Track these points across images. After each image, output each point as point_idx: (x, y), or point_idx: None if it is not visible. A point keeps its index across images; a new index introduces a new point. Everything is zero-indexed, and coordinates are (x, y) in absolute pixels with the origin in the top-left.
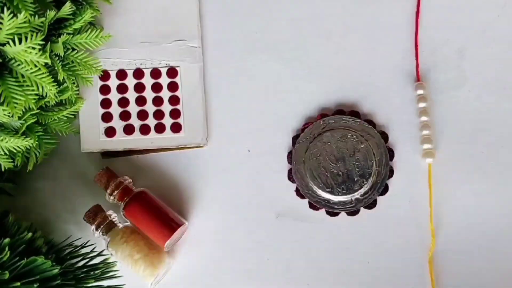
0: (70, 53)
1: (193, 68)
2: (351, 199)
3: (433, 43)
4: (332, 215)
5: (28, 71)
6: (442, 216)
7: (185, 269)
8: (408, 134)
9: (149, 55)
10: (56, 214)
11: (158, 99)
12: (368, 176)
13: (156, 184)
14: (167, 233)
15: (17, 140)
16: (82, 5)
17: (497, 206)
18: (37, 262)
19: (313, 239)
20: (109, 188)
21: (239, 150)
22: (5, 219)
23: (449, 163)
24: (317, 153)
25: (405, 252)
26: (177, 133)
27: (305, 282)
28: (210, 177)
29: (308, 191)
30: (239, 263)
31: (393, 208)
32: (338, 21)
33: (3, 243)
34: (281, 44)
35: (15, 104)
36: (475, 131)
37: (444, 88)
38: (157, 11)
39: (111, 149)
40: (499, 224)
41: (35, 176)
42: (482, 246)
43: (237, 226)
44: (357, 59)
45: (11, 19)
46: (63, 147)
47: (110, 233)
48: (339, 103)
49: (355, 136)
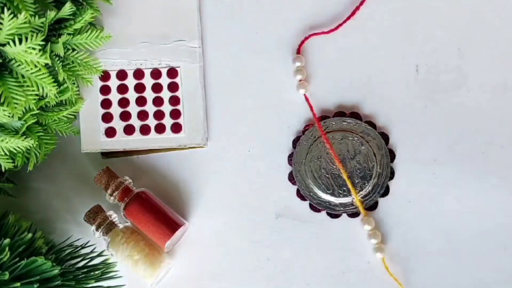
0: (70, 54)
1: (193, 68)
2: (352, 201)
3: (433, 43)
4: (333, 217)
5: (28, 71)
6: (443, 217)
7: (185, 269)
8: (409, 135)
9: (149, 56)
10: (56, 214)
11: (158, 100)
12: (369, 178)
13: (156, 184)
14: (168, 233)
15: (17, 140)
16: (82, 6)
17: (501, 205)
18: (37, 263)
19: (313, 239)
20: (109, 189)
21: (239, 151)
22: (5, 219)
23: (449, 163)
24: (318, 155)
25: (406, 253)
26: (177, 133)
27: (305, 282)
28: (210, 177)
29: (309, 193)
30: (239, 263)
31: (394, 210)
32: (338, 20)
33: (3, 243)
34: (281, 44)
35: (15, 104)
36: (475, 131)
37: (444, 88)
38: (157, 11)
39: (111, 150)
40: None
41: (36, 177)
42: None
43: (237, 226)
44: (357, 59)
45: (11, 20)
46: (63, 148)
47: (110, 233)
48: (339, 104)
49: (356, 138)
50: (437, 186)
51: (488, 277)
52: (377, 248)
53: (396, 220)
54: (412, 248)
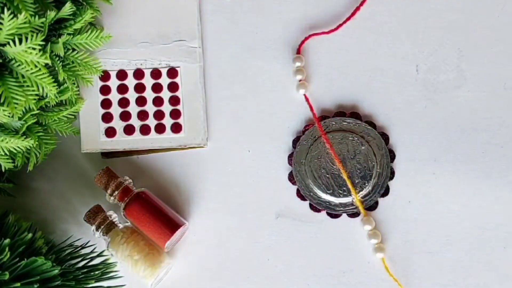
0: (70, 54)
1: (193, 68)
2: (352, 201)
3: (433, 43)
4: (333, 217)
5: (28, 71)
6: (443, 216)
7: (185, 269)
8: (409, 135)
9: (149, 56)
10: (56, 214)
11: (158, 100)
12: (369, 178)
13: (156, 184)
14: (168, 233)
15: (18, 140)
16: (82, 6)
17: (501, 205)
18: (37, 263)
19: (313, 239)
20: (109, 189)
21: (239, 151)
22: (5, 219)
23: (449, 163)
24: (318, 155)
25: (406, 252)
26: (177, 133)
27: (305, 282)
28: (210, 177)
29: (309, 193)
30: (239, 263)
31: (394, 210)
32: (338, 20)
33: (3, 243)
34: (281, 44)
35: (15, 104)
36: (475, 131)
37: (444, 88)
38: (157, 11)
39: (111, 150)
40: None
41: (36, 177)
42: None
43: (237, 226)
44: (357, 59)
45: (11, 20)
46: (64, 148)
47: (110, 233)
48: (339, 104)
49: (356, 138)
50: (437, 186)
51: (488, 277)
52: (377, 248)
53: (396, 220)
54: (412, 248)
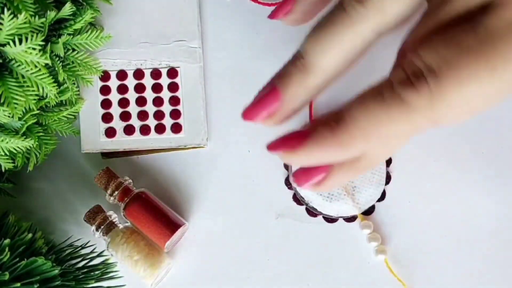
0: (70, 54)
1: (193, 68)
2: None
3: None
4: (330, 222)
5: (28, 71)
6: (443, 217)
7: (185, 269)
8: None
9: (149, 56)
10: (56, 214)
11: (158, 100)
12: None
13: (156, 184)
14: (168, 233)
15: (18, 140)
16: (82, 6)
17: (501, 205)
18: (37, 263)
19: (313, 239)
20: (109, 189)
21: (239, 151)
22: (5, 219)
23: (449, 163)
24: None
25: (403, 255)
26: (177, 133)
27: (305, 282)
28: (210, 177)
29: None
30: (239, 263)
31: (394, 211)
32: None
33: (3, 244)
34: (281, 44)
35: (15, 104)
36: (475, 131)
37: None
38: (157, 11)
39: (111, 150)
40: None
41: (36, 177)
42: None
43: (237, 226)
44: None
45: (11, 20)
46: (64, 148)
47: (110, 233)
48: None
49: None
50: (437, 186)
51: (488, 276)
52: (378, 250)
53: (396, 221)
54: (412, 248)
